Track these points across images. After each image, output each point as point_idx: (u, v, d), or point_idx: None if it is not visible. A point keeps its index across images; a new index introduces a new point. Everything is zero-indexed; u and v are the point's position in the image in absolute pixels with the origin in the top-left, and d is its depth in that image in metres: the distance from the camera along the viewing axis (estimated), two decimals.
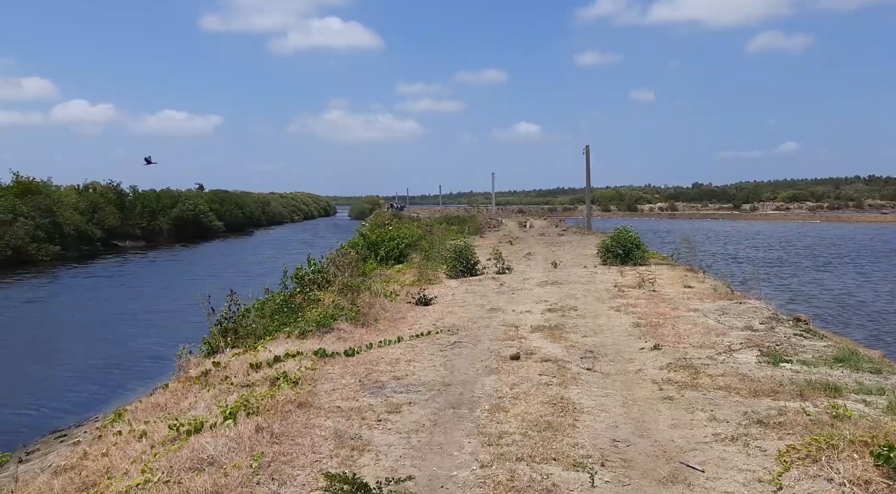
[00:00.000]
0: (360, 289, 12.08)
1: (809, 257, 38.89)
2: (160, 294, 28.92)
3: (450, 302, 12.07)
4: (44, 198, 48.07)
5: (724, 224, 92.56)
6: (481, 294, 12.93)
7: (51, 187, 56.55)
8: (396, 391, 6.32)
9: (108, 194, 61.32)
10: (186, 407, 6.46)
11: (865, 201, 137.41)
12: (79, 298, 29.71)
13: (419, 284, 14.75)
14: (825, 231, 68.64)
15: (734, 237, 60.35)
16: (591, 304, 11.33)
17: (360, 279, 12.58)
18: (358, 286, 12.02)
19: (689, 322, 9.47)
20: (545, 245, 25.71)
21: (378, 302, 11.59)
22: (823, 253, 41.60)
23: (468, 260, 15.90)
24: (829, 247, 46.34)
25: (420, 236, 24.32)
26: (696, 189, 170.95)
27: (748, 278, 15.42)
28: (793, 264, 34.05)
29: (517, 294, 12.77)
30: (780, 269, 32.36)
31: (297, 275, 11.77)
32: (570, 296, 12.22)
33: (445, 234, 35.16)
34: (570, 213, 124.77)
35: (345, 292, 11.55)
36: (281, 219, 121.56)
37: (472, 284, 14.68)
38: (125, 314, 23.10)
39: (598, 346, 8.24)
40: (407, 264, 18.28)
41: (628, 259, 17.38)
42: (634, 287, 12.87)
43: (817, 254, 40.59)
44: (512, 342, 8.56)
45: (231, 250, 60.78)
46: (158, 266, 44.42)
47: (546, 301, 11.69)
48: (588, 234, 32.70)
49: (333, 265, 12.39)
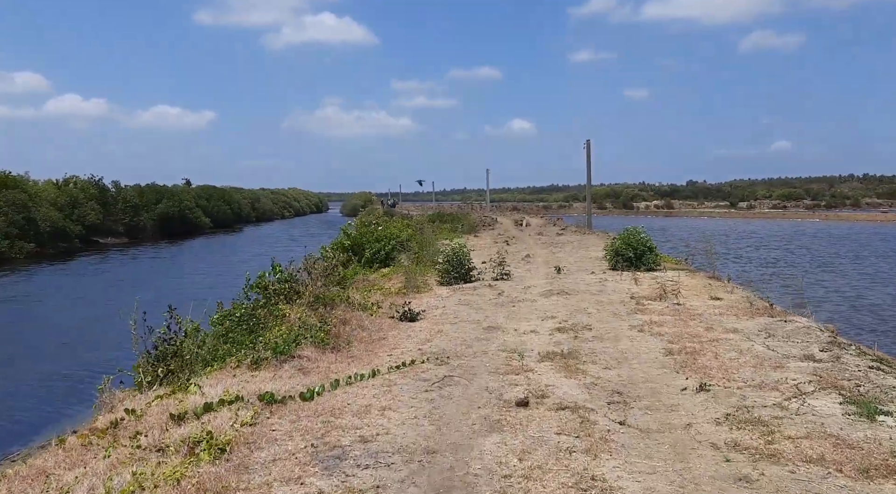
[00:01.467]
0: (335, 301, 10.27)
1: (814, 255, 37.30)
2: (128, 296, 27.01)
3: (440, 317, 10.28)
4: (18, 193, 45.92)
5: (722, 222, 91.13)
6: (477, 307, 11.15)
7: (27, 182, 54.43)
8: (360, 465, 4.52)
9: (89, 189, 59.18)
10: (71, 482, 4.65)
11: (863, 199, 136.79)
12: (46, 299, 27.79)
13: (406, 292, 12.96)
14: (826, 230, 67.23)
15: (734, 236, 58.79)
16: (607, 321, 9.55)
17: (335, 290, 10.77)
18: (333, 298, 10.21)
19: (733, 348, 7.71)
20: (544, 246, 23.94)
21: (355, 318, 9.79)
22: (826, 251, 40.04)
23: (462, 265, 14.11)
24: (832, 245, 44.80)
25: (410, 235, 22.51)
26: (690, 187, 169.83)
27: (786, 285, 13.64)
28: (796, 265, 32.43)
29: (519, 307, 10.99)
30: (786, 269, 30.74)
31: (260, 284, 9.96)
32: (581, 310, 10.44)
33: (438, 232, 33.40)
34: (565, 210, 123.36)
35: (315, 306, 9.75)
36: (271, 215, 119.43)
37: (467, 293, 12.90)
38: (87, 318, 21.23)
39: (626, 383, 6.47)
40: (394, 268, 16.48)
41: (640, 264, 15.63)
42: (655, 299, 11.11)
43: (821, 253, 39.01)
44: (516, 375, 6.78)
45: (216, 247, 58.75)
46: (136, 265, 42.42)
47: (553, 317, 9.91)
48: (588, 233, 30.97)
49: (305, 272, 10.57)
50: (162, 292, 26.27)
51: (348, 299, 10.68)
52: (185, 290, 24.33)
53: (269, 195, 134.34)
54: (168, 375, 7.90)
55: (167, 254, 50.62)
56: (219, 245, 59.74)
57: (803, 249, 42.06)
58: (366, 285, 15.14)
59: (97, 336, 17.74)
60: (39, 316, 22.73)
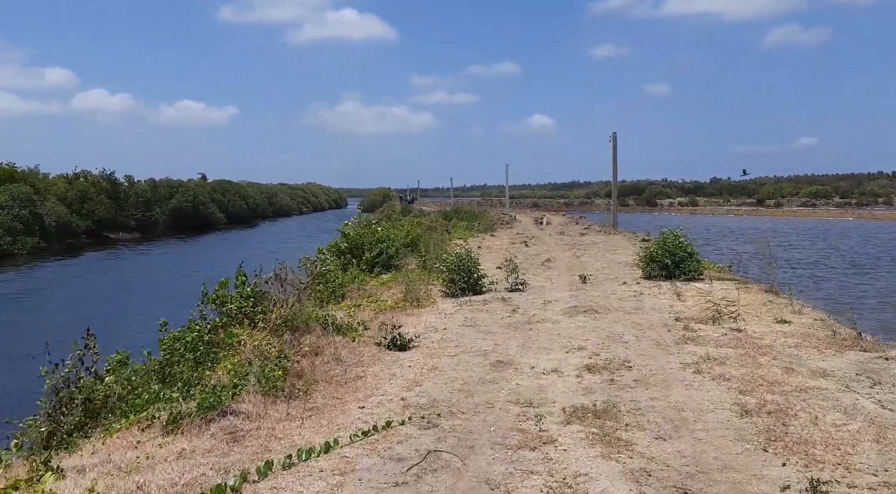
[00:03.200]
0: (310, 324, 8.28)
1: (854, 256, 34.59)
2: (120, 296, 25.40)
3: (438, 345, 8.23)
4: (22, 186, 44.71)
5: (751, 221, 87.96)
6: (485, 329, 9.09)
7: (37, 176, 53.41)
8: None
9: (99, 183, 58.08)
10: None
11: (895, 197, 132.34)
12: (39, 298, 26.31)
13: (403, 307, 10.96)
14: (863, 229, 64.06)
15: (766, 235, 55.96)
16: (650, 354, 7.45)
17: (312, 310, 8.74)
18: (307, 320, 8.21)
19: (833, 405, 5.58)
20: (567, 248, 21.78)
21: (332, 346, 7.79)
22: (869, 253, 37.25)
23: (470, 274, 12.05)
24: (875, 246, 41.94)
25: (419, 235, 20.50)
26: (714, 184, 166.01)
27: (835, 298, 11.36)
28: (832, 267, 29.83)
29: (537, 330, 8.91)
30: (826, 271, 28.21)
31: (216, 299, 8.00)
32: (616, 337, 8.34)
33: (453, 230, 31.34)
34: (586, 207, 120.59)
35: (282, 331, 7.77)
36: (288, 211, 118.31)
37: (475, 308, 10.85)
38: (36, 334, 19.50)
39: (693, 472, 4.38)
40: (395, 275, 14.46)
41: (678, 272, 13.47)
42: (706, 322, 8.98)
43: (867, 254, 36.25)
44: (532, 452, 4.74)
45: (226, 243, 57.27)
46: (137, 262, 40.95)
47: (581, 347, 7.82)
48: (614, 233, 28.74)
49: (278, 282, 8.56)
50: (143, 298, 24.60)
51: (327, 320, 8.68)
52: (169, 295, 22.58)
53: (286, 191, 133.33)
54: (75, 431, 6.00)
55: (174, 251, 49.22)
56: (230, 241, 58.29)
57: (843, 250, 39.29)
58: (361, 294, 13.17)
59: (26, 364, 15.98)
60: (54, 313, 21.10)
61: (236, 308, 7.77)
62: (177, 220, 66.22)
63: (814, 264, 31.51)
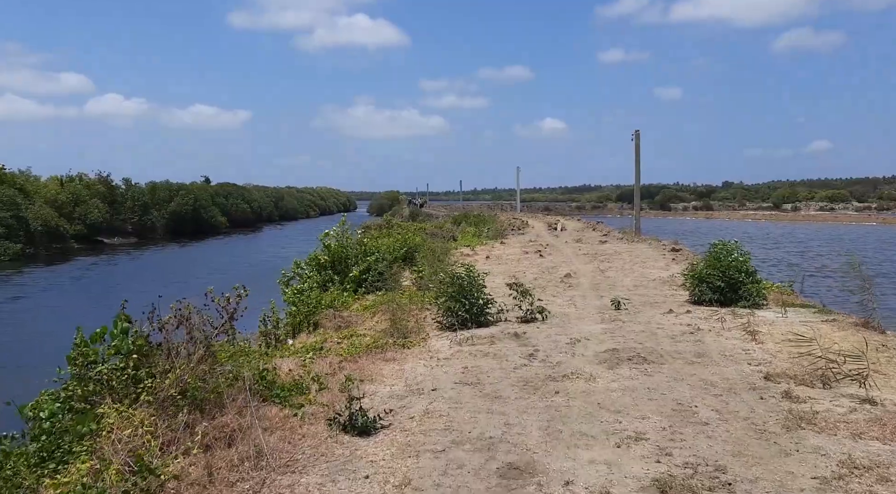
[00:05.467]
0: (230, 389, 5.58)
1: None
2: (72, 313, 22.87)
3: (419, 426, 5.49)
4: (5, 188, 42.41)
5: (772, 226, 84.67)
6: (491, 392, 6.35)
7: (27, 178, 51.21)
8: None
9: (94, 185, 55.81)
10: None
11: None
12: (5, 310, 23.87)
13: (384, 345, 8.25)
14: (891, 234, 60.81)
15: (791, 242, 52.85)
16: (751, 452, 4.69)
17: (238, 364, 5.99)
18: (221, 385, 5.50)
19: None
20: (588, 259, 18.98)
21: (256, 428, 5.08)
22: None
23: (473, 302, 9.29)
24: None
25: (417, 244, 17.81)
26: (727, 188, 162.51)
27: None
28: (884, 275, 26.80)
29: (566, 394, 6.16)
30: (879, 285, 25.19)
31: (77, 359, 5.31)
32: (686, 411, 5.58)
33: (461, 237, 28.64)
34: (599, 211, 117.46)
35: (178, 406, 5.09)
36: (295, 214, 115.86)
37: (478, 349, 8.11)
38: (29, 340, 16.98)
39: None
40: (383, 296, 11.73)
41: (737, 296, 10.69)
42: (810, 383, 6.19)
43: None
44: None
45: (228, 249, 54.80)
46: (126, 269, 38.50)
47: (638, 435, 5.06)
48: (638, 240, 25.90)
49: (181, 323, 5.80)
50: (93, 314, 22.04)
51: (263, 381, 5.97)
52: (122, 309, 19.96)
53: (293, 193, 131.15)
54: None
55: (170, 257, 46.80)
56: (231, 247, 55.84)
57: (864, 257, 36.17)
58: (337, 322, 10.48)
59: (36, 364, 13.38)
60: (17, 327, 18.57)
61: (108, 373, 5.08)
62: (176, 224, 63.90)
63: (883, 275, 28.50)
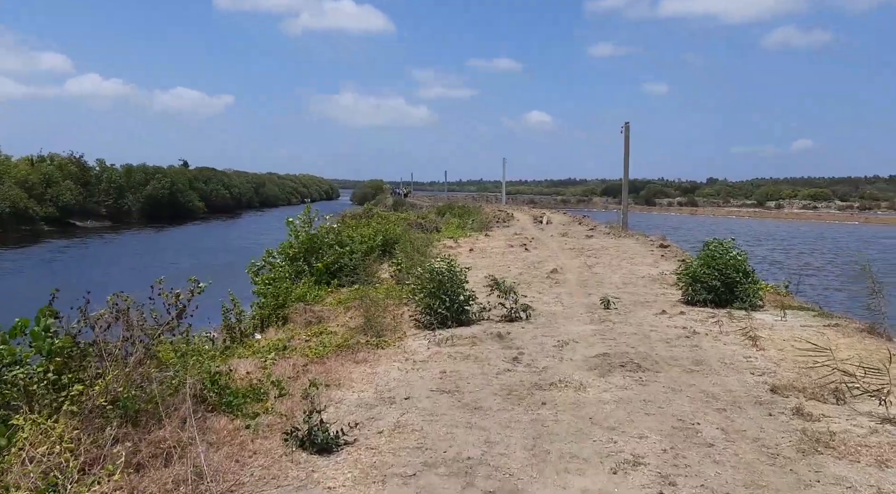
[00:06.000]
0: (176, 395, 4.88)
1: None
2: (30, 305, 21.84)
3: (387, 443, 4.82)
4: None
5: (756, 223, 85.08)
6: (471, 402, 5.70)
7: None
8: None
9: (67, 166, 54.28)
10: None
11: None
12: None
13: (356, 345, 7.58)
14: (877, 234, 61.19)
15: (775, 239, 52.87)
16: (766, 482, 4.09)
17: (169, 372, 5.25)
18: (155, 397, 4.78)
19: None
20: (574, 253, 18.40)
21: (198, 445, 4.39)
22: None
23: (454, 299, 8.63)
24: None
25: (397, 235, 17.11)
26: (712, 185, 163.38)
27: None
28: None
29: (553, 407, 5.53)
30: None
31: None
32: (688, 429, 4.97)
33: (445, 228, 27.98)
34: (584, 205, 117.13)
35: (109, 418, 4.38)
36: (276, 201, 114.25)
37: (458, 350, 7.46)
38: None
39: None
40: (358, 290, 11.03)
41: (732, 297, 10.14)
42: (821, 395, 5.62)
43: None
44: None
45: (205, 235, 53.66)
46: (101, 254, 37.39)
47: (636, 458, 4.44)
48: (625, 235, 25.39)
49: (117, 319, 5.05)
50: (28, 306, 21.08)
51: (215, 386, 5.27)
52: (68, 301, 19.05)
53: (275, 180, 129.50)
54: None
55: (140, 242, 45.60)
56: (208, 234, 54.66)
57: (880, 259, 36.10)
58: (307, 317, 9.79)
59: None
60: None
61: (25, 379, 4.35)
62: (152, 208, 62.49)
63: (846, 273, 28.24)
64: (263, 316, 10.90)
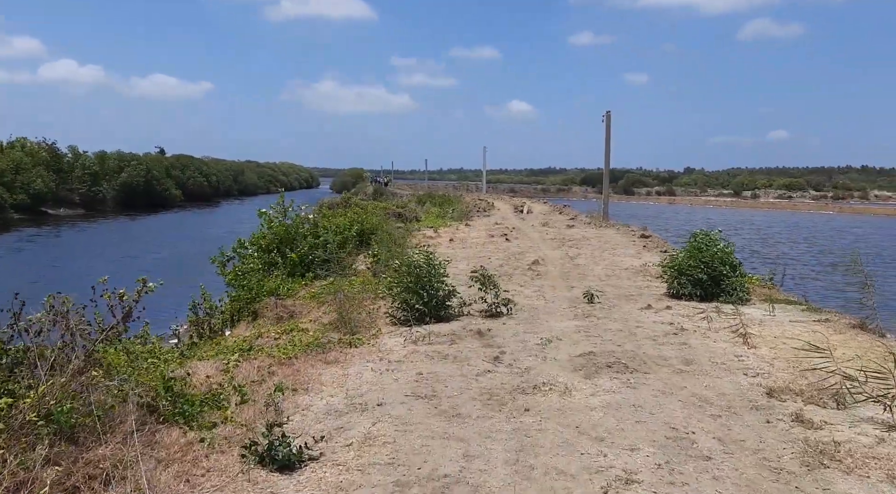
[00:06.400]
0: (102, 414, 4.40)
1: (870, 257, 31.51)
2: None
3: (355, 459, 4.39)
4: None
5: (731, 212, 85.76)
6: (449, 409, 5.29)
7: None
8: None
9: (38, 153, 52.85)
10: None
11: (871, 191, 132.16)
12: None
13: (327, 345, 7.14)
14: (850, 223, 61.89)
15: (753, 229, 53.18)
16: None
17: (113, 381, 4.77)
18: (94, 411, 4.30)
19: None
20: (556, 244, 18.07)
21: (146, 461, 3.93)
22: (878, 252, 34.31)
23: (433, 293, 8.21)
24: (872, 244, 39.16)
25: (375, 225, 16.64)
26: (689, 174, 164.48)
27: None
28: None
29: (537, 414, 5.15)
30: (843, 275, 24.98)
31: None
32: (682, 439, 4.61)
33: (425, 217, 27.55)
34: (563, 194, 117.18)
35: (40, 435, 3.89)
36: (255, 189, 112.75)
37: (436, 349, 7.05)
38: None
39: None
40: (333, 283, 10.56)
41: (719, 290, 9.85)
42: (821, 400, 5.30)
43: (874, 253, 33.24)
44: None
45: (181, 223, 52.65)
46: (73, 242, 36.41)
47: (629, 474, 4.06)
48: (606, 225, 25.13)
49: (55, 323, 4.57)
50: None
51: (168, 393, 4.81)
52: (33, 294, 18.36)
53: (254, 168, 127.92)
54: None
55: (114, 231, 44.56)
56: (178, 222, 53.62)
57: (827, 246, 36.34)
58: (278, 312, 9.31)
59: None
60: None
61: None
62: (127, 196, 61.22)
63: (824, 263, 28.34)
64: (234, 311, 10.42)
